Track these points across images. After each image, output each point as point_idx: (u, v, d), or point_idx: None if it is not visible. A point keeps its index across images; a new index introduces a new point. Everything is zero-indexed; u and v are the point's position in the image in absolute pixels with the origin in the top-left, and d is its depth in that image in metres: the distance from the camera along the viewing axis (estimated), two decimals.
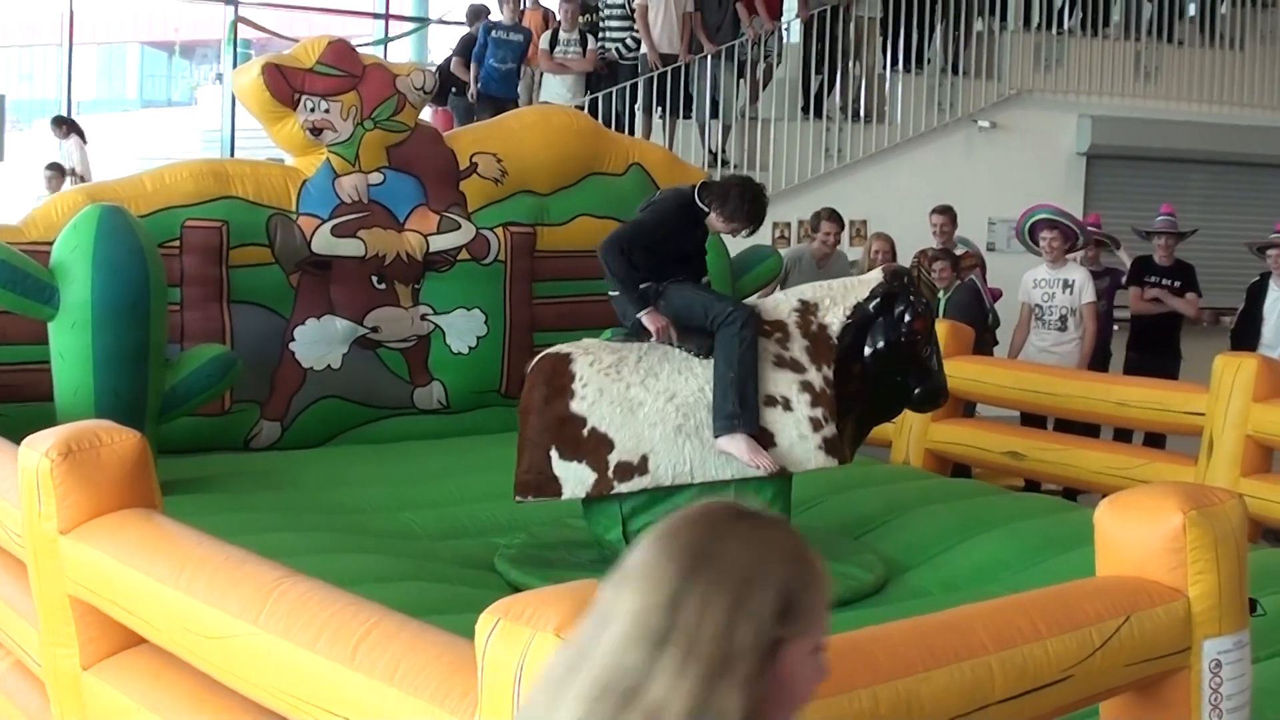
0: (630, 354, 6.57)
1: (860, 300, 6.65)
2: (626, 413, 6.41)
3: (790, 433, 6.47)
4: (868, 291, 6.68)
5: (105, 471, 4.25)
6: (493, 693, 2.76)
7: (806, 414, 6.49)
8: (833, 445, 6.53)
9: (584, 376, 6.48)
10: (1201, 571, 3.88)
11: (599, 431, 6.41)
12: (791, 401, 6.49)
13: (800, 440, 6.49)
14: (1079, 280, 10.48)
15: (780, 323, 6.61)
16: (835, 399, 6.54)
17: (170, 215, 8.53)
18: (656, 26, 13.69)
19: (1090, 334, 10.46)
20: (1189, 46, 16.70)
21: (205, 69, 32.20)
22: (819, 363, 6.55)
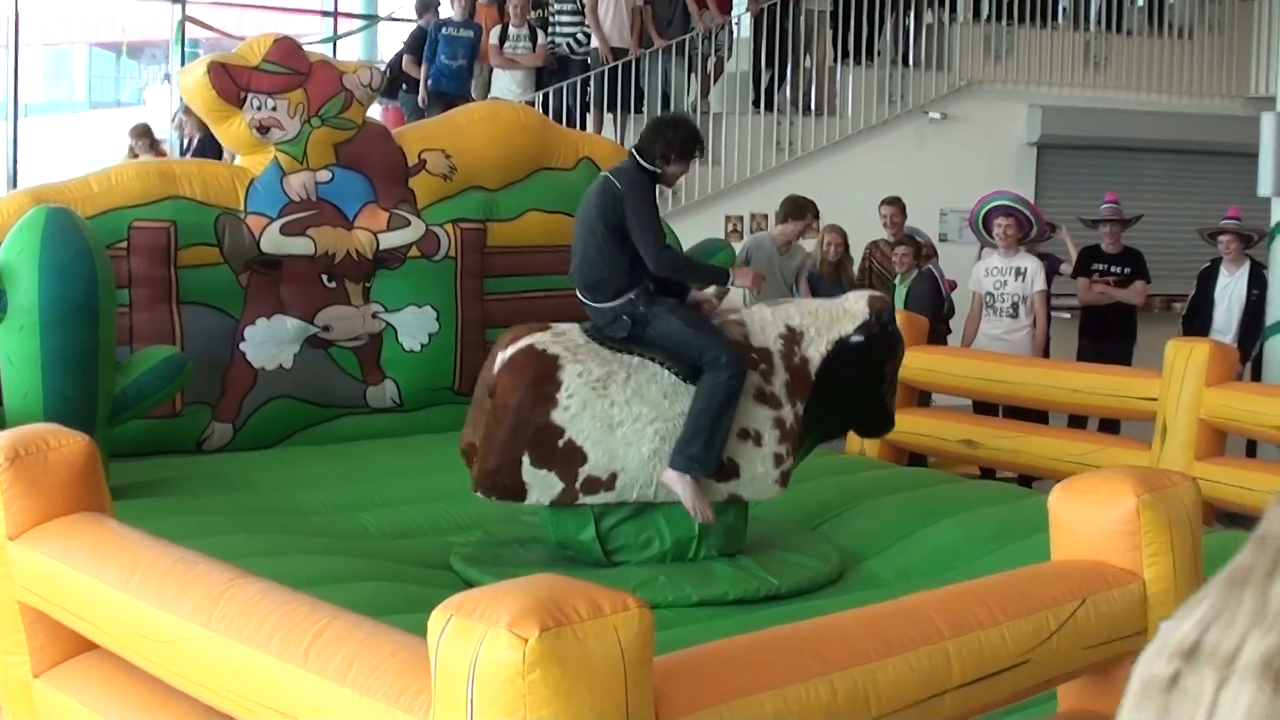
0: (620, 370, 6.41)
1: (844, 335, 6.62)
2: (605, 429, 6.33)
3: (755, 467, 6.46)
4: (852, 327, 6.63)
5: (53, 476, 4.21)
6: (446, 690, 2.74)
7: (773, 450, 6.48)
8: (786, 478, 6.58)
9: (571, 388, 6.33)
10: (1156, 554, 3.89)
11: (575, 444, 6.31)
12: (763, 437, 6.46)
13: (762, 474, 6.49)
14: (1031, 268, 10.50)
15: (766, 351, 6.52)
16: (799, 433, 6.56)
17: (117, 216, 8.47)
18: (607, 21, 13.67)
19: (1042, 322, 10.49)
20: (1138, 36, 16.76)
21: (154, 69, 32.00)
22: (794, 399, 6.53)
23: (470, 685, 2.68)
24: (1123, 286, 11.07)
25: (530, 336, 6.50)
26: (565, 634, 2.66)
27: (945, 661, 3.43)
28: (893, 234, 11.63)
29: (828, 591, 6.26)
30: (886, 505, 7.49)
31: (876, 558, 6.81)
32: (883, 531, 7.09)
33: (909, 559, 6.71)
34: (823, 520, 7.35)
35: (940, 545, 6.81)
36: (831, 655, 3.23)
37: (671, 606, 5.85)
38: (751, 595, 6.13)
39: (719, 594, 6.10)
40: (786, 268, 11.31)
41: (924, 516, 7.20)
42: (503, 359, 6.48)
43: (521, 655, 2.63)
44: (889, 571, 6.60)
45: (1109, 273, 11.13)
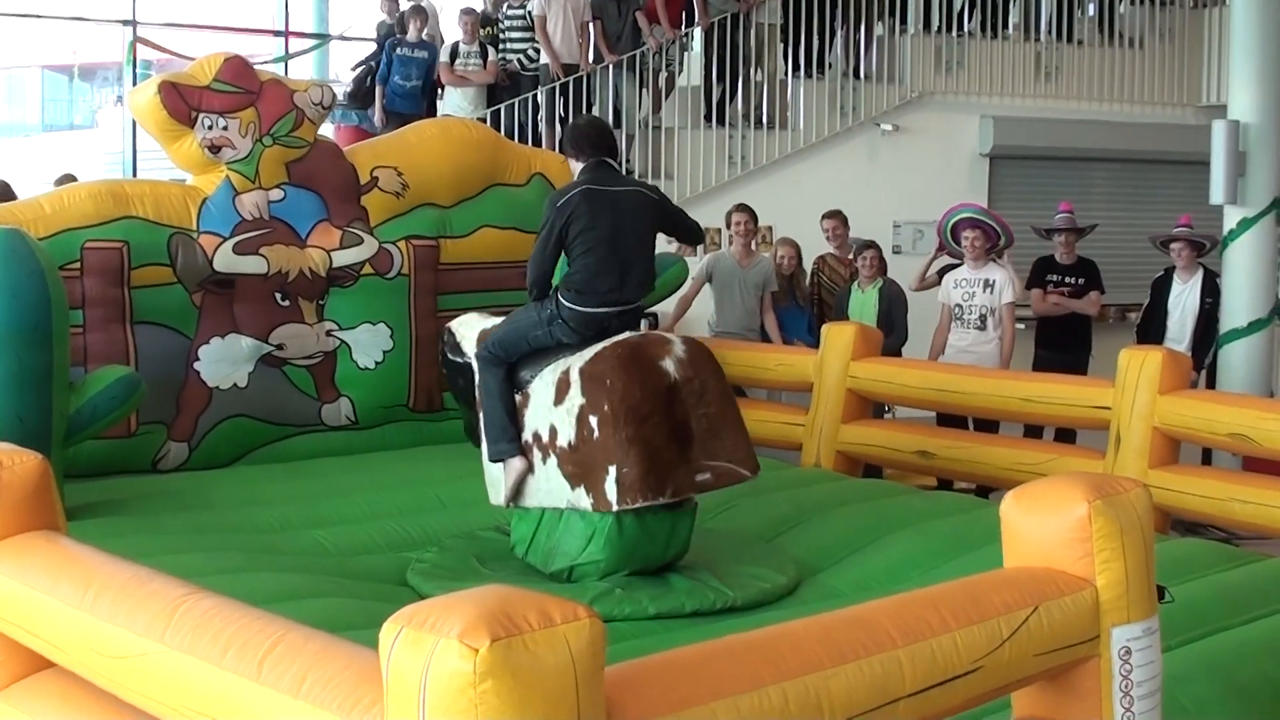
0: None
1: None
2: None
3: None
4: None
5: (6, 495, 4.19)
6: (398, 701, 2.74)
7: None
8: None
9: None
10: (1108, 560, 3.90)
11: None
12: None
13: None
14: (999, 280, 10.54)
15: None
16: None
17: (70, 237, 8.43)
18: (556, 37, 13.71)
19: (1009, 334, 10.53)
20: (1089, 46, 16.89)
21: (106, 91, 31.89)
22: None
23: (422, 696, 2.68)
24: (1077, 297, 11.14)
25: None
26: (516, 644, 2.67)
27: (897, 669, 3.44)
28: (837, 247, 11.68)
29: (784, 604, 6.27)
30: (842, 517, 7.52)
31: (832, 569, 6.82)
32: (838, 543, 7.11)
33: (865, 571, 6.73)
34: (778, 533, 7.37)
35: (895, 556, 6.83)
36: (784, 663, 3.24)
37: (628, 619, 5.86)
38: (708, 608, 6.13)
39: (675, 606, 6.10)
40: (750, 281, 11.34)
41: (879, 528, 7.23)
42: None
43: (473, 666, 2.63)
44: (845, 583, 6.61)
45: (1063, 283, 11.19)
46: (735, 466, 6.37)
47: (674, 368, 6.32)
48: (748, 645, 3.32)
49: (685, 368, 6.34)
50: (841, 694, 3.29)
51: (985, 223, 10.74)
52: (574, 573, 6.42)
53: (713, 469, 6.31)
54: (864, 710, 3.34)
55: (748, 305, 11.32)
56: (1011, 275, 10.65)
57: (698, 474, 6.27)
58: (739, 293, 11.31)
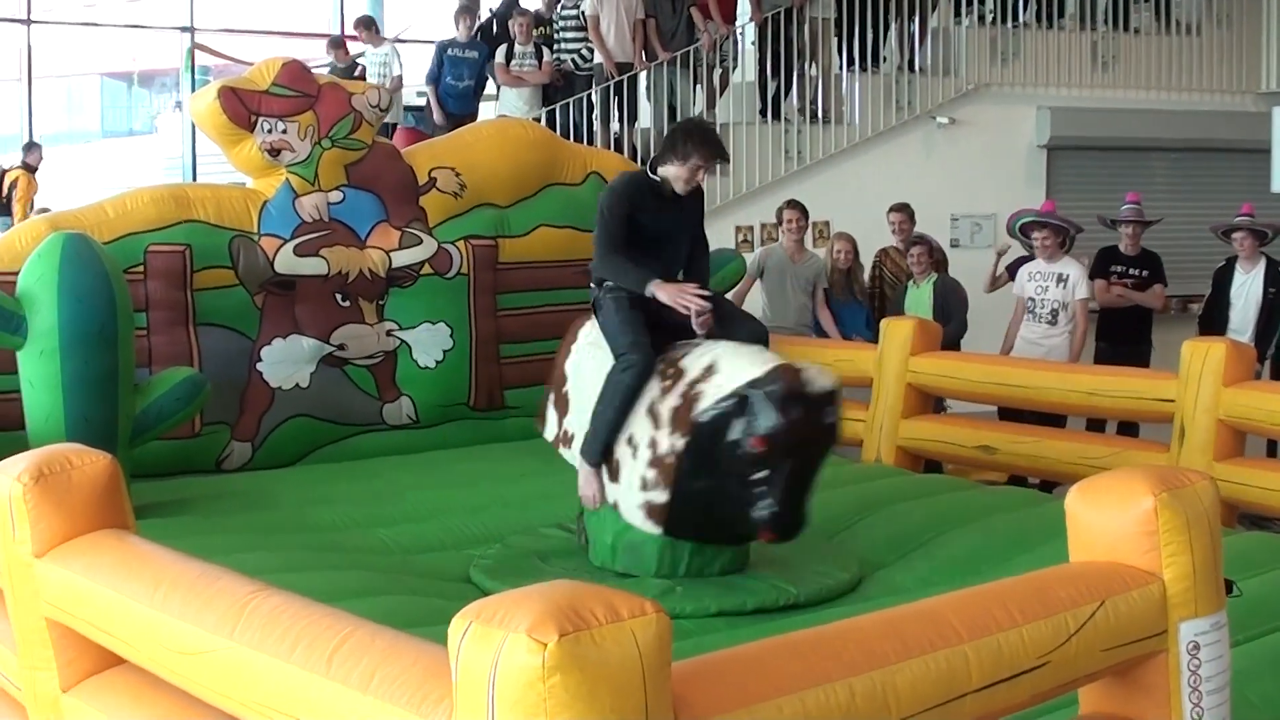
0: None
1: (736, 387, 5.92)
2: (583, 388, 6.61)
3: (629, 476, 6.29)
4: (746, 381, 5.89)
5: (77, 494, 4.24)
6: (467, 696, 2.75)
7: (641, 470, 6.21)
8: (655, 511, 6.16)
9: (580, 342, 6.80)
10: (1175, 554, 3.87)
11: (566, 395, 6.80)
12: (638, 450, 6.24)
13: (628, 489, 6.29)
14: (1073, 275, 10.48)
15: (680, 371, 6.21)
16: (677, 473, 6.07)
17: (133, 241, 8.52)
18: (609, 36, 13.71)
19: (1081, 329, 10.47)
20: (1145, 34, 16.74)
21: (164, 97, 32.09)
22: (675, 428, 6.09)
23: (491, 691, 2.69)
24: (1140, 289, 11.06)
25: None
26: (584, 639, 2.68)
27: (964, 664, 3.43)
28: (901, 240, 11.64)
29: (847, 600, 6.23)
30: (904, 513, 7.49)
31: (895, 565, 6.79)
32: (901, 539, 7.08)
33: (928, 566, 6.69)
34: (841, 529, 7.34)
35: (959, 552, 6.79)
36: (850, 658, 3.24)
37: (690, 617, 5.85)
38: (770, 605, 6.11)
39: (738, 604, 6.08)
40: (801, 277, 11.33)
41: (942, 523, 7.19)
42: None
43: (541, 660, 2.64)
44: (908, 579, 6.57)
45: (1127, 275, 11.11)
46: None
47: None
48: (813, 641, 3.31)
49: None
50: (908, 689, 3.28)
51: (1052, 222, 10.69)
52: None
53: None
54: (930, 705, 3.33)
55: (799, 300, 11.32)
56: (1084, 272, 10.59)
57: None
58: (790, 288, 11.30)
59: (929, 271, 11.00)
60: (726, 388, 5.92)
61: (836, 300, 11.48)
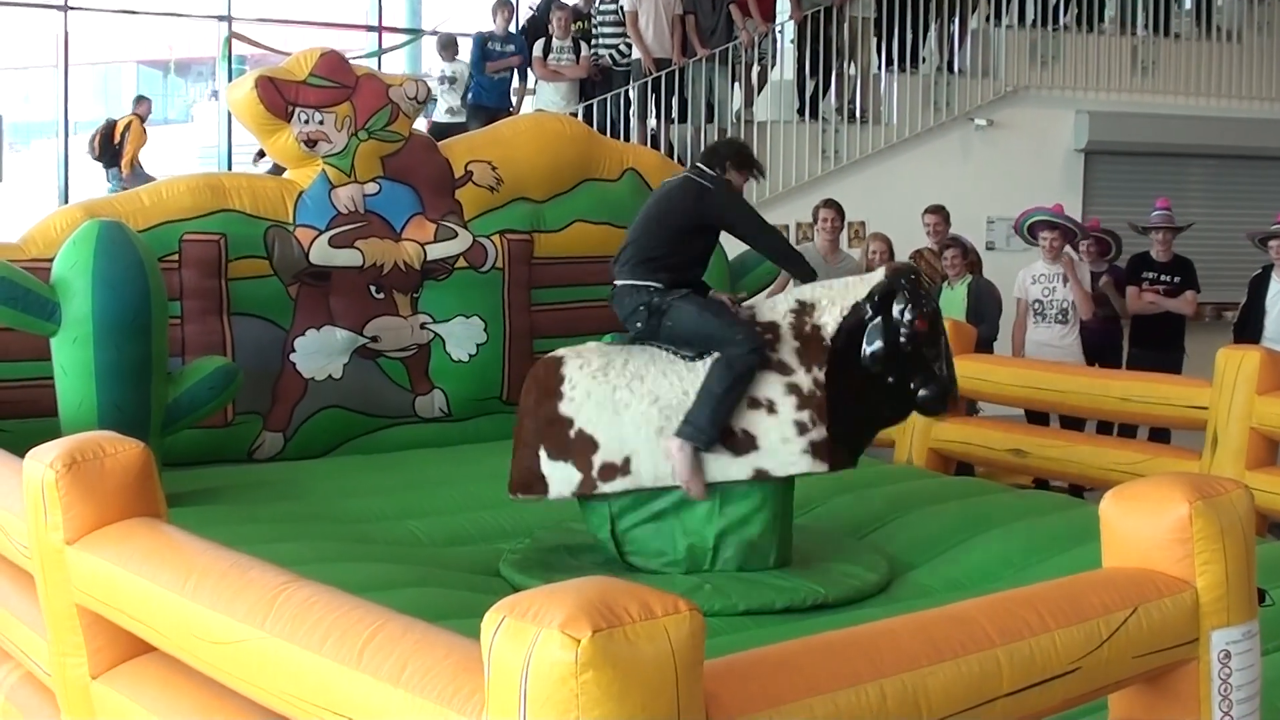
0: (618, 357, 6.57)
1: (859, 299, 6.41)
2: (612, 414, 6.43)
3: (773, 436, 6.33)
4: (867, 290, 6.43)
5: (110, 481, 4.25)
6: (499, 691, 2.75)
7: (792, 417, 6.33)
8: (820, 449, 6.34)
9: (573, 379, 6.51)
10: (1208, 562, 3.86)
11: (585, 433, 6.45)
12: (776, 404, 6.34)
13: (783, 444, 6.33)
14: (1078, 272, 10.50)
15: (773, 324, 6.47)
16: (828, 401, 6.34)
17: (168, 229, 8.55)
18: (648, 31, 13.70)
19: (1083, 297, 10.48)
20: (1185, 39, 16.68)
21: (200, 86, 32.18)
22: (809, 364, 6.37)
23: (523, 686, 2.69)
24: (1172, 295, 11.02)
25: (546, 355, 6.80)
26: (617, 635, 2.67)
27: (995, 668, 3.42)
28: (936, 242, 11.61)
29: (875, 601, 6.23)
30: (934, 515, 7.48)
31: (924, 567, 6.78)
32: (931, 541, 7.07)
33: (957, 569, 6.68)
34: (870, 530, 7.34)
35: (989, 555, 6.78)
36: (882, 660, 3.23)
37: (718, 615, 5.84)
38: (799, 604, 6.11)
39: (766, 603, 6.08)
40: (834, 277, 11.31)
41: (972, 526, 7.18)
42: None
43: (574, 656, 2.64)
44: (937, 581, 6.56)
45: (1159, 281, 11.07)
46: None
47: None
48: (846, 642, 3.31)
49: None
50: (939, 692, 3.27)
51: (1060, 224, 10.67)
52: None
53: None
54: (962, 709, 3.32)
55: None
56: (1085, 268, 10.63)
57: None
58: None
59: (964, 273, 10.97)
60: (849, 303, 6.44)
61: None
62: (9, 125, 19.07)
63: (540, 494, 6.58)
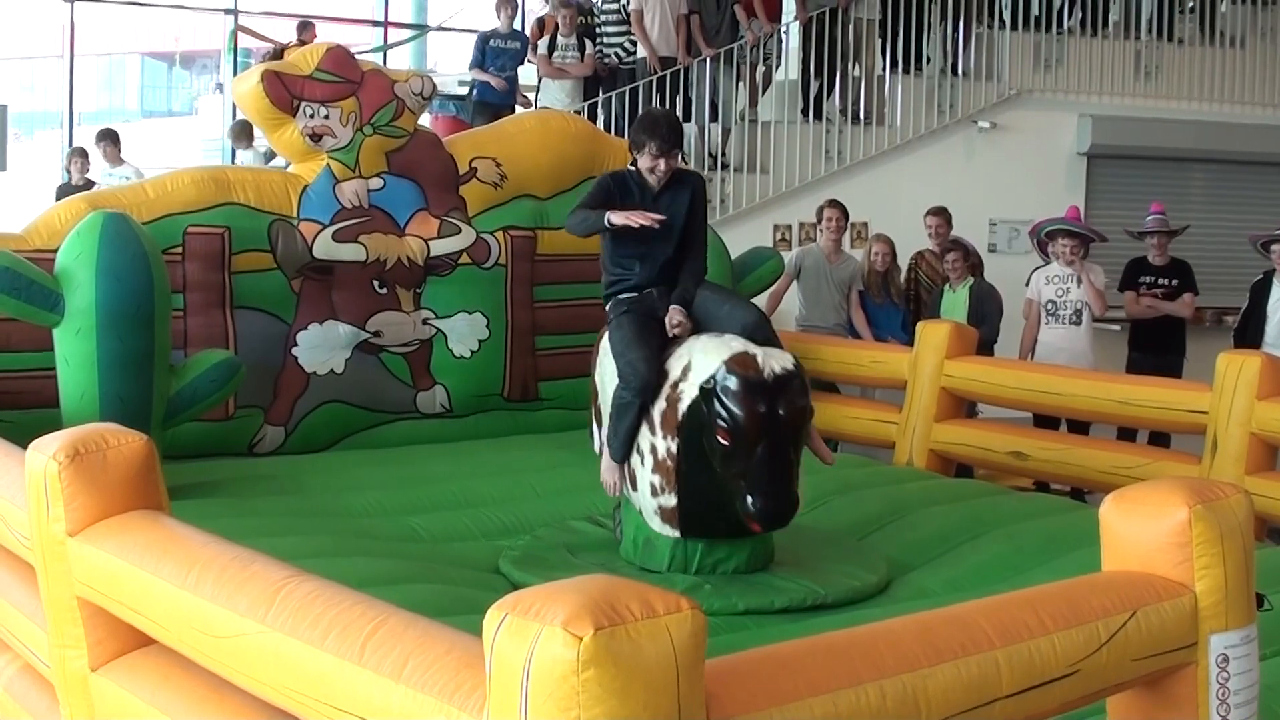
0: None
1: (700, 383, 5.95)
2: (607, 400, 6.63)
3: (642, 484, 6.36)
4: (705, 376, 5.93)
5: (112, 473, 4.26)
6: (500, 687, 2.76)
7: (648, 477, 6.29)
8: (668, 515, 6.22)
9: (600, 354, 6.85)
10: (1207, 566, 3.87)
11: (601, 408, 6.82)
12: (644, 458, 6.32)
13: (644, 496, 6.35)
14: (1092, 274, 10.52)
15: (665, 373, 6.26)
16: (677, 474, 6.13)
17: (172, 222, 8.56)
18: (653, 30, 13.70)
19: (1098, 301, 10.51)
20: (1189, 45, 16.69)
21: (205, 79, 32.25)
22: (666, 431, 6.17)
23: (525, 683, 2.70)
24: (1170, 299, 11.03)
25: None
26: (619, 633, 2.68)
27: (995, 670, 3.43)
28: (938, 244, 11.63)
29: (875, 602, 6.23)
30: (934, 516, 7.48)
31: (924, 569, 6.78)
32: (930, 542, 7.07)
33: (957, 570, 6.68)
34: (870, 531, 7.34)
35: (988, 557, 6.78)
36: (882, 661, 3.24)
37: (718, 614, 5.84)
38: (798, 605, 6.11)
39: (765, 603, 6.08)
40: (837, 278, 11.34)
41: (972, 528, 7.19)
42: None
43: (576, 653, 2.65)
44: (936, 583, 6.56)
45: (1156, 285, 11.09)
46: None
47: None
48: (846, 642, 3.32)
49: None
50: (939, 694, 3.28)
51: (1079, 232, 10.69)
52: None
53: None
54: (961, 711, 3.33)
55: (834, 301, 11.34)
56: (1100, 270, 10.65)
57: None
58: (826, 288, 11.32)
59: (965, 276, 10.99)
60: (695, 385, 5.96)
61: (873, 302, 11.49)
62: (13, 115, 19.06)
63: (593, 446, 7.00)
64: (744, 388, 5.78)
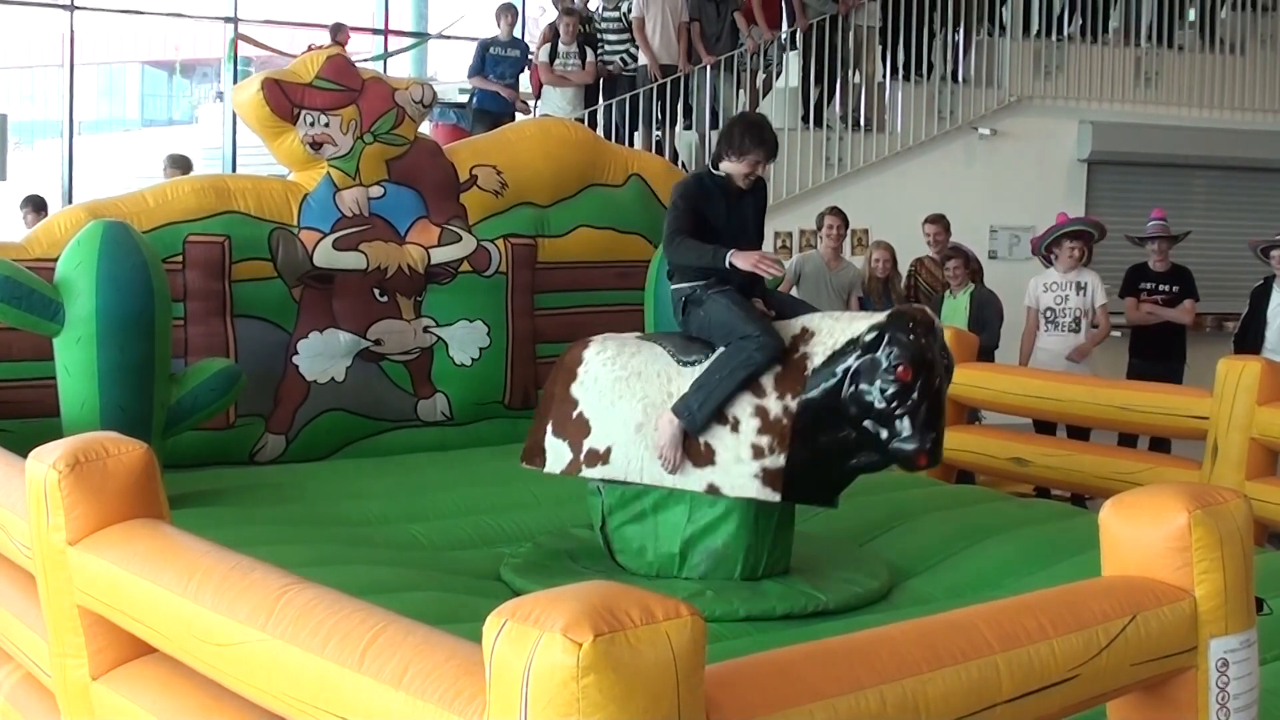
0: (630, 349, 6.63)
1: (855, 335, 6.15)
2: (608, 404, 6.51)
3: (729, 455, 6.27)
4: (865, 326, 6.16)
5: (112, 482, 4.26)
6: (501, 694, 2.76)
7: (751, 440, 6.23)
8: (772, 477, 6.19)
9: (588, 363, 6.64)
10: (1207, 570, 3.87)
11: (584, 416, 6.57)
12: (740, 424, 6.26)
13: (736, 464, 6.26)
14: (1091, 283, 10.54)
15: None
16: (794, 432, 6.19)
17: (173, 230, 8.56)
18: (655, 38, 13.73)
19: (1103, 333, 10.52)
20: (1189, 51, 16.73)
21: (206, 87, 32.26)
22: (784, 391, 6.21)
23: (525, 690, 2.70)
24: (1171, 305, 11.04)
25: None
26: (619, 639, 2.68)
27: (995, 674, 3.43)
28: (937, 251, 11.65)
29: (876, 608, 6.23)
30: (935, 522, 7.48)
31: (925, 575, 6.78)
32: (932, 549, 7.07)
33: (958, 576, 6.68)
34: (871, 537, 7.34)
35: (989, 563, 6.78)
36: (882, 666, 3.24)
37: (719, 621, 5.85)
38: (799, 611, 6.11)
39: (767, 609, 6.08)
40: (837, 284, 11.36)
41: (973, 534, 7.18)
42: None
43: (576, 660, 2.65)
44: (938, 589, 6.57)
45: (1156, 291, 11.10)
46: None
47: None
48: (846, 648, 3.32)
49: None
50: (939, 698, 3.28)
51: (1086, 232, 10.70)
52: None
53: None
54: (961, 715, 3.33)
55: (833, 308, 11.33)
56: (1100, 279, 10.64)
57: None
58: (826, 295, 11.33)
59: (965, 283, 11.01)
60: (843, 338, 6.17)
61: (874, 308, 11.49)
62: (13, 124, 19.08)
63: (539, 465, 6.74)
64: (922, 326, 6.11)
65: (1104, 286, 10.61)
